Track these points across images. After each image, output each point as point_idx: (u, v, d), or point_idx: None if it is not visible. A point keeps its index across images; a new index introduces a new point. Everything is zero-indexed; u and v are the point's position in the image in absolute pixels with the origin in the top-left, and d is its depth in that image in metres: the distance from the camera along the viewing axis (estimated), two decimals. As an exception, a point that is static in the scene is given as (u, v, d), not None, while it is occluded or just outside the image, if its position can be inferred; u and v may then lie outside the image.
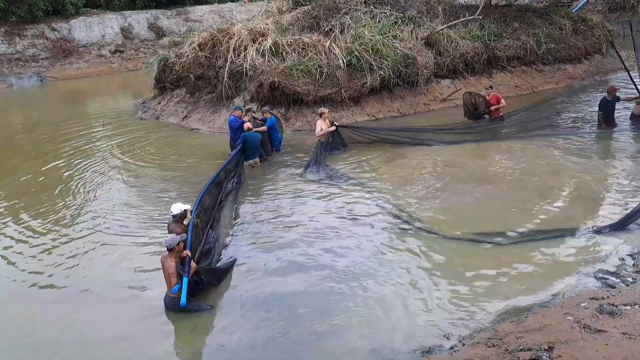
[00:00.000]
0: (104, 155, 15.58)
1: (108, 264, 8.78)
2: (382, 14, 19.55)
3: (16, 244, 9.88)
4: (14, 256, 9.38)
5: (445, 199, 10.49)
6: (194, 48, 19.21)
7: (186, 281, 7.08)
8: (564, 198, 10.09)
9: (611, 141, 13.60)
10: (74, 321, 7.31)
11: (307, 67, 16.73)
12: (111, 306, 7.58)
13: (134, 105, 23.42)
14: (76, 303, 7.74)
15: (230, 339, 6.62)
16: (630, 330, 5.78)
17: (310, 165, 12.69)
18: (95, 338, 6.87)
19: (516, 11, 22.71)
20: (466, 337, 6.24)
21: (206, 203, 9.86)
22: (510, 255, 8.09)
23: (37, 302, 7.93)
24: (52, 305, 7.80)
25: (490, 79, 19.96)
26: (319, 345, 6.35)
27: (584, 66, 22.54)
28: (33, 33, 37.00)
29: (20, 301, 7.98)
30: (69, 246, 9.56)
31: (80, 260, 9.01)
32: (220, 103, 18.26)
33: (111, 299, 7.77)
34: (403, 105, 17.75)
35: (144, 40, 40.91)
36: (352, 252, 8.52)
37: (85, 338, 6.90)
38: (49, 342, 6.90)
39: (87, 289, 8.10)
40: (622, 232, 8.43)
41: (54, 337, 6.99)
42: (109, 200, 11.76)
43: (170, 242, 7.25)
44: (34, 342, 6.94)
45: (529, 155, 12.71)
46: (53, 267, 8.83)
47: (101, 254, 9.17)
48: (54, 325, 7.22)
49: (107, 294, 7.91)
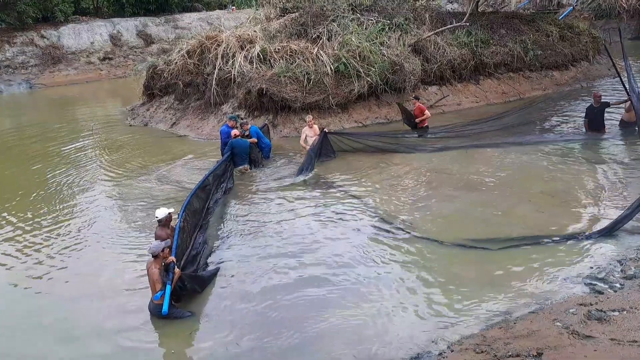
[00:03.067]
0: (91, 161, 15.46)
1: (91, 272, 8.70)
2: (369, 21, 19.57)
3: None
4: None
5: (434, 205, 10.47)
6: (183, 55, 19.16)
7: (169, 289, 7.02)
8: (552, 204, 10.09)
9: (600, 147, 13.65)
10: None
11: (294, 73, 16.71)
12: (97, 312, 7.52)
13: (122, 112, 23.27)
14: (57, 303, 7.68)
15: (216, 347, 6.55)
16: (618, 336, 5.76)
17: (302, 172, 12.61)
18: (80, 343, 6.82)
19: (503, 18, 22.80)
20: (454, 342, 6.19)
21: (194, 207, 9.81)
22: (499, 261, 8.08)
23: (27, 306, 7.89)
24: (39, 308, 7.73)
25: (478, 86, 20.06)
26: (305, 352, 6.30)
27: (571, 73, 22.67)
28: (22, 40, 36.79)
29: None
30: (53, 253, 9.46)
31: (65, 267, 8.93)
32: (208, 110, 18.20)
33: (97, 306, 7.70)
34: (390, 111, 17.74)
35: (132, 47, 40.73)
36: (339, 258, 8.46)
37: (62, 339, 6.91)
38: (39, 342, 6.92)
39: (69, 293, 8.05)
40: (610, 238, 8.45)
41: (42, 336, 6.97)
42: (93, 204, 11.69)
43: (154, 249, 7.20)
44: (28, 343, 6.93)
45: (518, 161, 12.74)
46: (40, 273, 8.77)
47: (84, 261, 9.11)
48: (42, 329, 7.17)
49: (94, 302, 7.84)
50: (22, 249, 9.79)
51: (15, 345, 6.98)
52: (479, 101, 19.59)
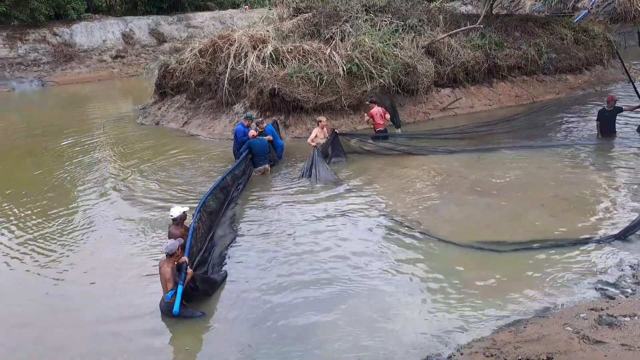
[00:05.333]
0: (102, 159, 15.57)
1: (101, 268, 8.76)
2: (382, 22, 19.52)
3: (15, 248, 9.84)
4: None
5: (446, 208, 10.44)
6: (195, 54, 19.19)
7: (181, 289, 7.02)
8: (565, 208, 10.03)
9: (613, 151, 13.56)
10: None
11: (307, 74, 16.70)
12: (106, 309, 7.55)
13: (134, 110, 23.39)
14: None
15: (226, 347, 6.56)
16: (629, 341, 5.74)
17: (305, 172, 12.53)
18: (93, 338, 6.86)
19: (517, 20, 22.69)
20: (464, 346, 6.18)
21: (210, 207, 9.81)
22: (510, 264, 8.06)
23: (40, 303, 7.94)
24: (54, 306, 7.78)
25: (491, 89, 19.97)
26: (315, 354, 6.29)
27: (585, 76, 22.49)
28: (35, 37, 37.07)
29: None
30: (67, 251, 9.54)
31: (75, 262, 8.99)
32: (220, 109, 18.23)
33: (107, 303, 7.74)
34: (403, 113, 17.68)
35: (144, 45, 40.95)
36: (350, 261, 8.45)
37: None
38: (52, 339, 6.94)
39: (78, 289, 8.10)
40: (622, 243, 8.39)
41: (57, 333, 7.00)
42: (106, 203, 11.76)
43: (170, 248, 7.20)
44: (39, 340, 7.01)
45: (530, 165, 12.66)
46: (53, 269, 8.83)
47: (94, 258, 9.18)
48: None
49: (104, 299, 7.89)
50: (25, 248, 9.81)
51: (28, 343, 7.05)
52: (492, 104, 19.47)
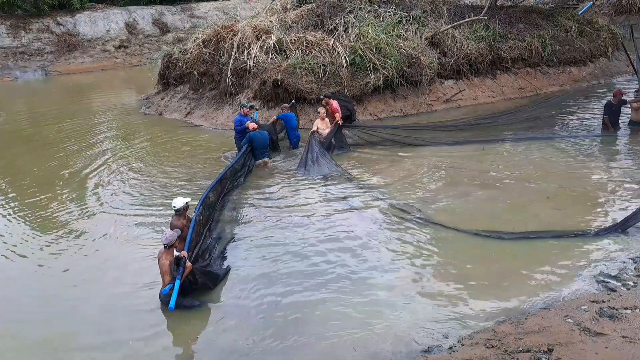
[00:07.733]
0: (105, 149, 15.60)
1: (103, 260, 8.82)
2: (386, 13, 19.48)
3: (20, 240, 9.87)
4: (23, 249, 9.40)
5: (450, 199, 10.44)
6: (198, 44, 19.20)
7: (178, 283, 6.96)
8: (568, 200, 10.05)
9: (615, 144, 13.56)
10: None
11: (310, 65, 16.70)
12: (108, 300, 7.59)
13: (137, 100, 23.41)
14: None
15: (226, 339, 6.58)
16: (630, 334, 5.75)
17: (301, 164, 12.52)
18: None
19: (521, 12, 22.60)
20: (465, 337, 6.21)
21: (210, 200, 9.82)
22: (511, 256, 8.08)
23: (45, 291, 8.01)
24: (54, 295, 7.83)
25: (494, 80, 19.92)
26: (316, 346, 6.31)
27: (589, 69, 22.42)
28: (38, 27, 37.00)
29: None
30: (73, 240, 9.58)
31: (79, 254, 9.04)
32: (223, 100, 18.26)
33: (109, 292, 7.78)
34: (406, 105, 17.69)
35: (148, 35, 40.86)
36: (352, 252, 8.48)
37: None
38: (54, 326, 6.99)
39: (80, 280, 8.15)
40: (624, 235, 8.39)
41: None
42: (109, 193, 11.79)
43: (169, 239, 7.20)
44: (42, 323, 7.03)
45: (534, 157, 12.66)
46: (56, 260, 8.88)
47: (99, 249, 9.21)
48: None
49: (106, 289, 7.93)
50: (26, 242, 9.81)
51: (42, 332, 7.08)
52: (495, 96, 19.42)
